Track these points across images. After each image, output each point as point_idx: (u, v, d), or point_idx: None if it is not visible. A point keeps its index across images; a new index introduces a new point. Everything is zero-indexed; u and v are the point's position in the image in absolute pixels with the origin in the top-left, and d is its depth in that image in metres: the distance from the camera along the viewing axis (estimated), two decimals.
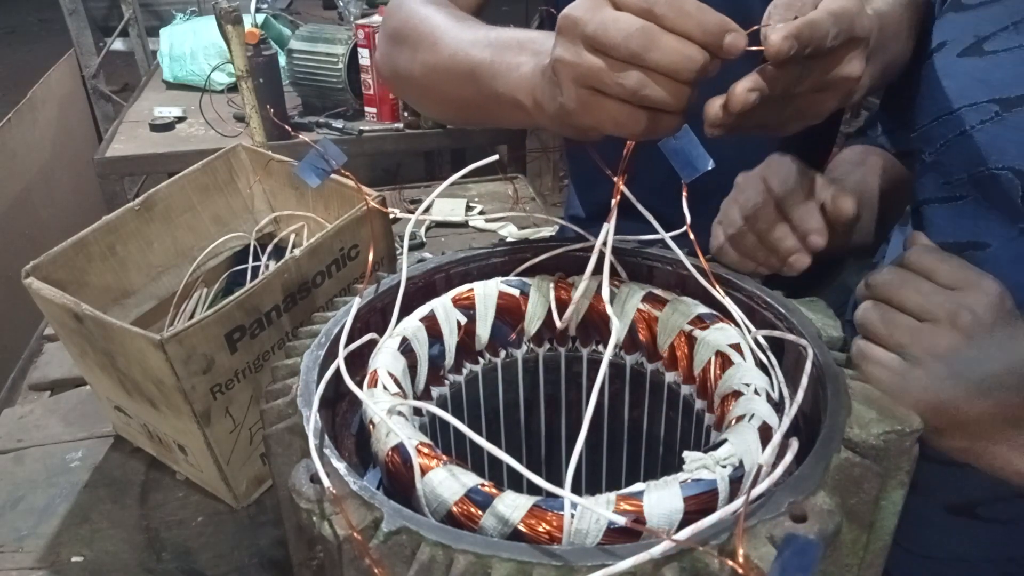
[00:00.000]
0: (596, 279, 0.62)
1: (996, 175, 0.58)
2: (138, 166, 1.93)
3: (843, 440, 0.43)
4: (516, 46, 0.56)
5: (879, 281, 0.50)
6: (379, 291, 0.60)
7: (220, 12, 1.39)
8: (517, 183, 1.53)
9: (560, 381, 0.66)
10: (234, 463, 0.77)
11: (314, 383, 0.49)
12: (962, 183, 0.61)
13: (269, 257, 0.94)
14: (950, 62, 0.63)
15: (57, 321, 0.77)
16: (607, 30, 0.44)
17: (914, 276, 0.48)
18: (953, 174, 0.62)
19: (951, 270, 0.48)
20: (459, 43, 0.63)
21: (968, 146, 0.60)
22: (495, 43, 0.59)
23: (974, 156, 0.60)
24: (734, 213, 0.64)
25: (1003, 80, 0.58)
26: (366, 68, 1.85)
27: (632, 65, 0.44)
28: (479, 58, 0.59)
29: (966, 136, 0.60)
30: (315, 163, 0.71)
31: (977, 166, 0.59)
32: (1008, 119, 0.57)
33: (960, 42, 0.62)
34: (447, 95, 0.67)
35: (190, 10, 2.57)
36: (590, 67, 0.45)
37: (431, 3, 0.72)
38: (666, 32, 0.43)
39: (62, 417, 0.93)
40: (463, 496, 0.43)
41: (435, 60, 0.66)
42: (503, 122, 0.63)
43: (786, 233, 0.61)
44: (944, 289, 0.47)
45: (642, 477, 0.43)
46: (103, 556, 0.75)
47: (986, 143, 0.59)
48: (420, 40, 0.68)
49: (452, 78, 0.63)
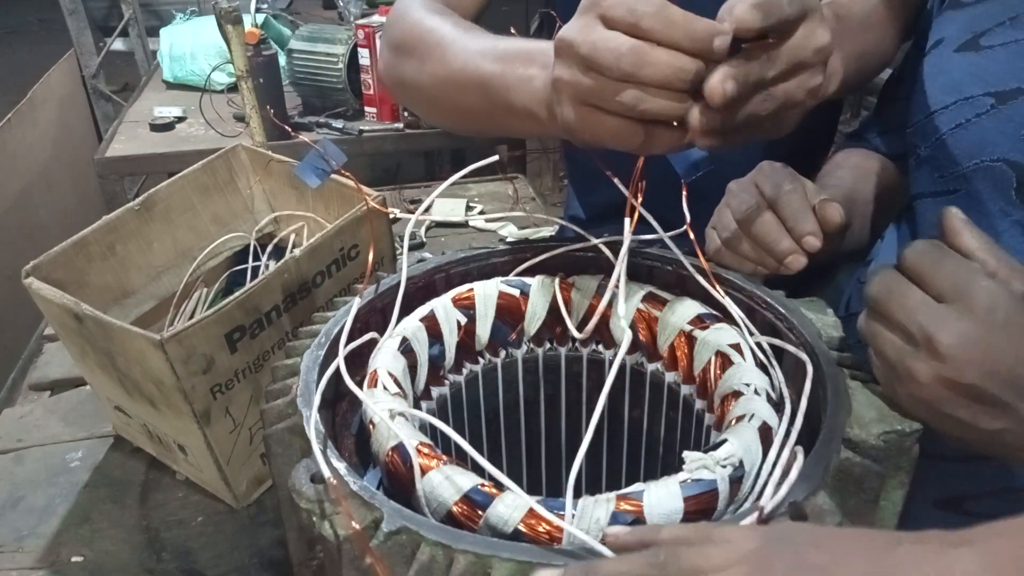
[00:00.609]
0: (596, 279, 0.62)
1: (991, 167, 0.58)
2: (138, 166, 1.93)
3: (843, 440, 0.43)
4: (526, 58, 0.57)
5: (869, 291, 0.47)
6: (379, 291, 0.60)
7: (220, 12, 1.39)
8: (517, 183, 1.53)
9: (560, 381, 0.66)
10: (234, 463, 0.77)
11: (314, 383, 0.49)
12: (956, 177, 0.62)
13: (269, 257, 0.94)
14: (946, 58, 0.63)
15: (57, 321, 0.77)
16: (599, 52, 0.45)
17: (903, 285, 0.45)
18: (947, 168, 0.62)
19: (944, 276, 0.43)
20: (468, 54, 0.63)
21: (963, 139, 0.60)
22: (505, 55, 0.60)
23: (969, 149, 0.60)
24: (727, 217, 0.64)
25: (998, 74, 0.59)
26: (366, 68, 1.85)
27: (628, 83, 0.45)
28: (490, 71, 0.60)
29: (961, 129, 0.60)
30: (315, 163, 0.71)
31: (972, 159, 0.60)
32: (1003, 112, 0.58)
33: (957, 38, 0.63)
34: (457, 106, 0.68)
35: (190, 10, 2.57)
36: (588, 87, 0.47)
37: (434, 11, 0.72)
38: (656, 47, 0.45)
39: (62, 417, 0.93)
40: (463, 496, 0.43)
41: (444, 72, 0.66)
42: (514, 132, 0.64)
43: (781, 235, 0.62)
44: (929, 303, 0.43)
45: (642, 477, 0.43)
46: (103, 556, 0.75)
47: (981, 136, 0.59)
48: (428, 52, 0.69)
49: (462, 90, 0.64)
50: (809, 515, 0.39)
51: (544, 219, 1.22)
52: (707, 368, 0.55)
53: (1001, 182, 0.58)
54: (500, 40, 0.62)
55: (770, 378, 0.52)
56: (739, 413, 0.48)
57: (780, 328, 0.55)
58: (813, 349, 0.51)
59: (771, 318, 0.56)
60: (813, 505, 0.40)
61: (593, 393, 0.66)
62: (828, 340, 0.52)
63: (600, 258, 0.62)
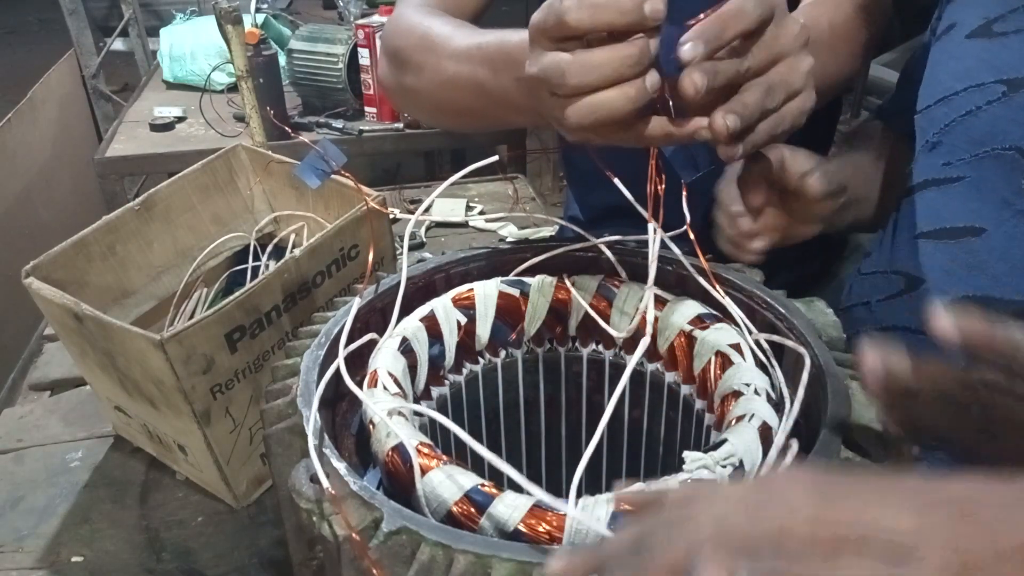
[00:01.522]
0: (595, 279, 0.62)
1: (1002, 155, 0.58)
2: (138, 166, 1.93)
3: (843, 440, 0.43)
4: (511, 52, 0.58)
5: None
6: (379, 291, 0.60)
7: (220, 12, 1.38)
8: (517, 183, 1.53)
9: (560, 381, 0.66)
10: (234, 463, 0.77)
11: (314, 383, 0.49)
12: (963, 164, 0.61)
13: (269, 257, 0.94)
14: (957, 43, 0.62)
15: (57, 321, 0.77)
16: (548, 76, 0.47)
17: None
18: (955, 155, 0.62)
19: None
20: (459, 58, 0.65)
21: (972, 126, 0.60)
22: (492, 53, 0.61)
23: (978, 137, 0.59)
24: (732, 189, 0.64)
25: (1011, 61, 0.58)
26: (366, 68, 1.85)
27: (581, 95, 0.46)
28: (482, 71, 0.61)
29: (971, 116, 0.60)
30: (315, 164, 0.71)
31: (981, 146, 0.59)
32: (1015, 100, 0.57)
33: (969, 24, 0.62)
34: (458, 108, 0.69)
35: (190, 10, 2.57)
36: (554, 107, 0.48)
37: (427, 16, 0.72)
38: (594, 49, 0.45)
39: (62, 417, 0.93)
40: (463, 496, 0.43)
41: (440, 78, 0.67)
42: (519, 124, 0.66)
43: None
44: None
45: (642, 477, 0.43)
46: (103, 556, 0.75)
47: (991, 124, 0.59)
48: (423, 59, 0.70)
49: (459, 92, 0.65)
50: None
51: (544, 219, 1.22)
52: (707, 368, 0.55)
53: (1011, 171, 0.57)
54: (485, 37, 0.63)
55: (770, 378, 0.52)
56: (739, 413, 0.48)
57: (780, 328, 0.55)
58: (813, 349, 0.51)
59: (771, 318, 0.56)
60: None
61: (593, 393, 0.66)
62: (828, 340, 0.52)
63: (600, 258, 0.62)
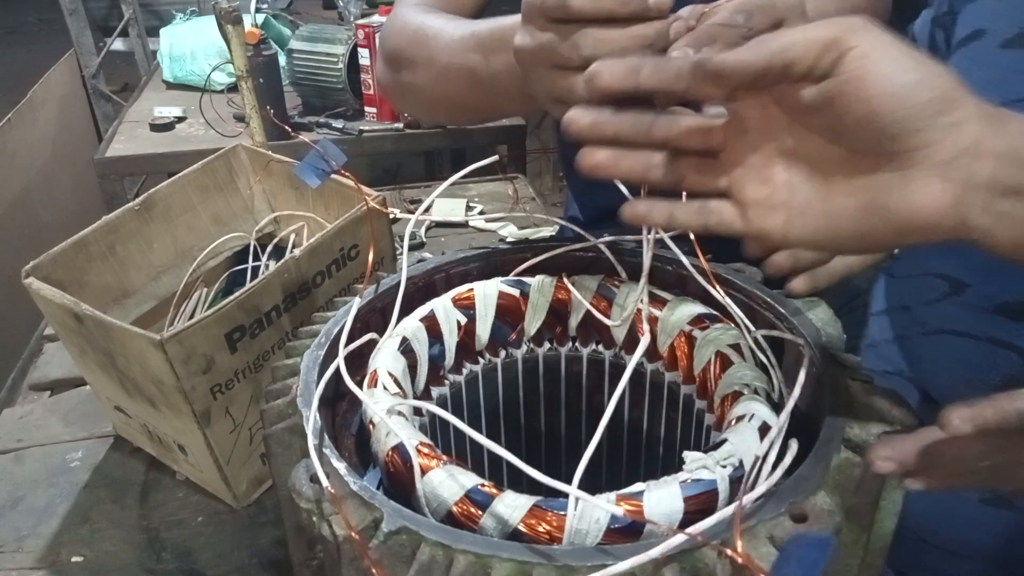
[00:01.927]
0: (595, 279, 0.62)
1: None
2: (138, 166, 1.93)
3: (843, 440, 0.43)
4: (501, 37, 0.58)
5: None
6: (379, 291, 0.60)
7: (220, 12, 1.38)
8: (517, 183, 1.53)
9: (560, 381, 0.66)
10: (234, 463, 0.77)
11: (314, 383, 0.49)
12: None
13: (269, 257, 0.94)
14: (990, 52, 0.59)
15: (57, 321, 0.77)
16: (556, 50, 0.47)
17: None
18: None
19: None
20: (452, 49, 0.65)
21: None
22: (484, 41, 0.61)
23: None
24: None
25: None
26: (366, 68, 1.85)
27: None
28: (474, 60, 0.61)
29: None
30: (315, 163, 0.71)
31: None
32: None
33: (1003, 32, 0.59)
34: (454, 101, 0.69)
35: (190, 10, 2.57)
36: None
37: (424, 12, 0.72)
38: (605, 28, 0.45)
39: (62, 417, 0.93)
40: (463, 496, 0.43)
41: (434, 72, 0.67)
42: (516, 113, 0.67)
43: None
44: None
45: (642, 477, 0.43)
46: (103, 556, 0.75)
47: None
48: (417, 56, 0.70)
49: (454, 85, 0.65)
50: (809, 515, 0.39)
51: (544, 219, 1.22)
52: (707, 368, 0.55)
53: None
54: (478, 25, 0.63)
55: (770, 378, 0.52)
56: (739, 413, 0.48)
57: (780, 328, 0.55)
58: (812, 347, 0.51)
59: (771, 318, 0.56)
60: (813, 505, 0.40)
61: (593, 393, 0.66)
62: (828, 340, 0.52)
63: (600, 258, 0.62)
